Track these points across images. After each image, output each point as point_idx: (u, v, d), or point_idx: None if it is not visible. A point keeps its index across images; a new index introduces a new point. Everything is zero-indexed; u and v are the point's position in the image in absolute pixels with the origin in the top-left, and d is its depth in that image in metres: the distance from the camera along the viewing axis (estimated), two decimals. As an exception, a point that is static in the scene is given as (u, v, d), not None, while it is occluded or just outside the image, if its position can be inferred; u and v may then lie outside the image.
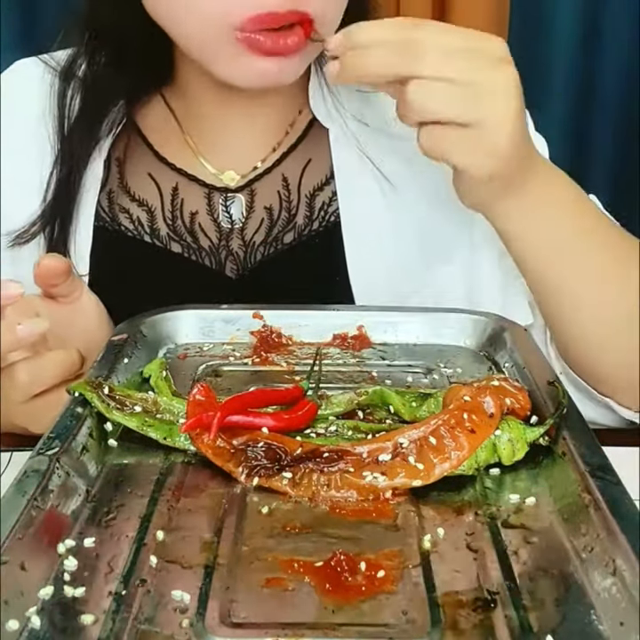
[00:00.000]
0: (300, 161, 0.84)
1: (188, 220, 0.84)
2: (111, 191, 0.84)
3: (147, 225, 0.84)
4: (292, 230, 0.84)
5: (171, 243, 0.84)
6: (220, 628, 0.39)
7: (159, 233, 0.84)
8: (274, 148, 0.85)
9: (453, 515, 0.48)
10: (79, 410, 0.55)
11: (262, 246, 0.84)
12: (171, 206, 0.84)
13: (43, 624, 0.39)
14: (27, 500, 0.45)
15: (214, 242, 0.84)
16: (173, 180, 0.84)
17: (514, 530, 0.46)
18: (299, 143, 0.85)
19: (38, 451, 0.49)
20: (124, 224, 0.84)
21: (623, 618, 0.39)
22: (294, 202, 0.84)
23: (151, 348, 0.68)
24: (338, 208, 0.83)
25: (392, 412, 0.58)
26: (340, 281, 0.82)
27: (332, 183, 0.84)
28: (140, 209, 0.84)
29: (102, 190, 0.84)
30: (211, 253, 0.84)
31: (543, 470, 0.52)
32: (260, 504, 0.49)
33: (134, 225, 0.84)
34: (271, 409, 0.57)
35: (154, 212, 0.84)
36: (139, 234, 0.84)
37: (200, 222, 0.84)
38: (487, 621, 0.40)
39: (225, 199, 0.84)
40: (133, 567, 0.43)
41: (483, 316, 0.71)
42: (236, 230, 0.84)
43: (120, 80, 0.82)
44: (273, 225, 0.84)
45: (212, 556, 0.44)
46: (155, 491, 0.50)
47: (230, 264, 0.84)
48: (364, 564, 0.43)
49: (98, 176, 0.84)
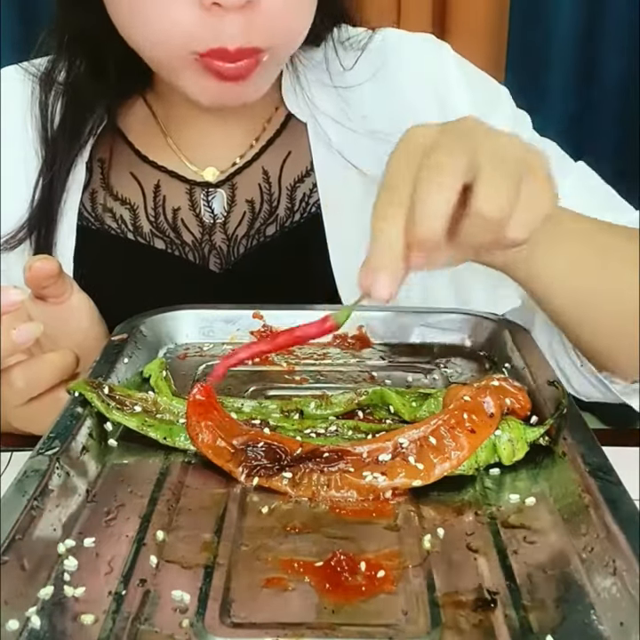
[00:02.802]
0: (280, 154, 0.86)
1: (170, 216, 0.85)
2: (94, 191, 0.86)
3: (130, 223, 0.85)
4: (274, 222, 0.85)
5: (154, 239, 0.85)
6: (220, 628, 0.39)
7: (142, 230, 0.85)
8: (251, 144, 0.86)
9: (453, 515, 0.48)
10: (79, 410, 0.55)
11: (245, 239, 0.85)
12: (153, 203, 0.85)
13: (43, 624, 0.39)
14: (27, 500, 0.45)
15: (197, 237, 0.85)
16: (155, 177, 0.85)
17: (514, 530, 0.46)
18: (277, 137, 0.86)
19: (38, 451, 0.49)
20: (108, 223, 0.85)
21: (623, 618, 0.39)
22: (275, 194, 0.85)
23: (151, 348, 0.68)
24: (319, 199, 0.84)
25: (392, 411, 0.58)
26: (323, 271, 0.83)
27: (313, 175, 0.85)
28: (123, 207, 0.85)
29: (85, 191, 0.85)
30: (194, 248, 0.85)
31: (543, 470, 0.52)
32: (260, 504, 0.49)
33: (117, 223, 0.85)
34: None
35: (136, 210, 0.85)
36: (122, 232, 0.85)
37: (183, 218, 0.85)
38: (487, 621, 0.40)
39: (206, 194, 0.85)
40: (133, 567, 0.43)
41: (483, 316, 0.71)
42: (218, 225, 0.85)
43: (100, 85, 0.83)
44: (255, 218, 0.85)
45: (212, 556, 0.44)
46: (155, 491, 0.50)
47: (214, 258, 0.85)
48: (364, 563, 0.43)
49: (80, 178, 0.85)
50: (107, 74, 0.82)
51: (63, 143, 0.83)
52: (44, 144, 0.84)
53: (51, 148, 0.83)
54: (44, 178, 0.83)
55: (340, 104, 0.84)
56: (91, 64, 0.82)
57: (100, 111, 0.84)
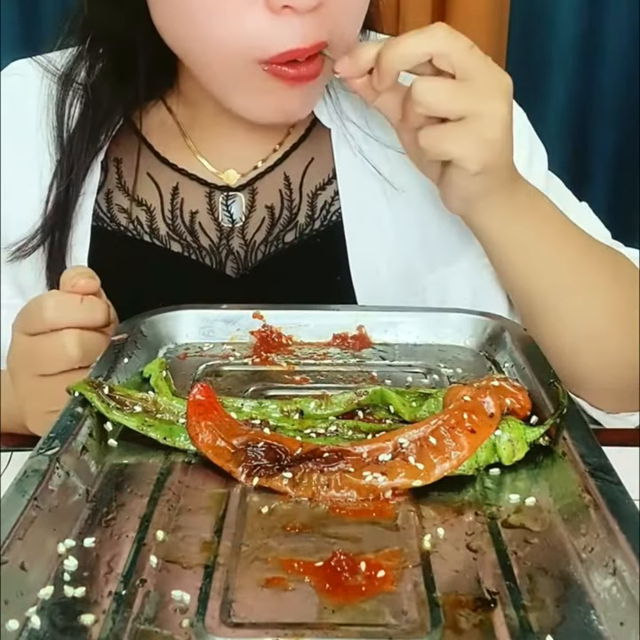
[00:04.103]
0: (302, 160, 0.84)
1: (188, 219, 0.84)
2: (109, 191, 0.84)
3: (146, 225, 0.84)
4: (294, 229, 0.83)
5: (170, 242, 0.84)
6: (220, 628, 0.39)
7: (159, 232, 0.84)
8: (275, 148, 0.85)
9: (453, 515, 0.48)
10: (79, 410, 0.55)
11: (263, 245, 0.83)
12: (170, 206, 0.84)
13: (43, 624, 0.39)
14: (27, 500, 0.45)
15: (214, 241, 0.84)
16: (174, 179, 0.84)
17: (514, 530, 0.46)
18: (300, 142, 0.85)
19: (38, 451, 0.49)
20: (123, 224, 0.84)
21: (623, 618, 0.39)
22: (296, 201, 0.84)
23: (151, 347, 0.68)
24: (340, 208, 0.83)
25: (392, 412, 0.58)
26: (342, 281, 0.82)
27: (335, 183, 0.84)
28: (140, 209, 0.84)
29: (100, 191, 0.84)
30: (211, 252, 0.84)
31: (543, 470, 0.52)
32: (260, 504, 0.49)
33: (133, 225, 0.84)
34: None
35: (153, 211, 0.84)
36: (138, 234, 0.84)
37: (200, 221, 0.84)
38: (487, 621, 0.40)
39: (226, 198, 0.84)
40: (133, 567, 0.43)
41: (483, 316, 0.71)
42: (236, 229, 0.84)
43: (121, 88, 0.81)
44: (274, 224, 0.83)
45: (212, 556, 0.44)
46: (155, 491, 0.50)
47: (231, 263, 0.84)
48: (364, 564, 0.43)
49: (95, 179, 0.83)
50: (131, 77, 0.80)
51: (80, 147, 0.81)
52: (59, 147, 0.82)
53: (67, 151, 0.82)
54: (58, 183, 0.81)
55: (364, 113, 0.83)
56: (115, 66, 0.80)
57: (118, 113, 0.82)
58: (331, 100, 0.83)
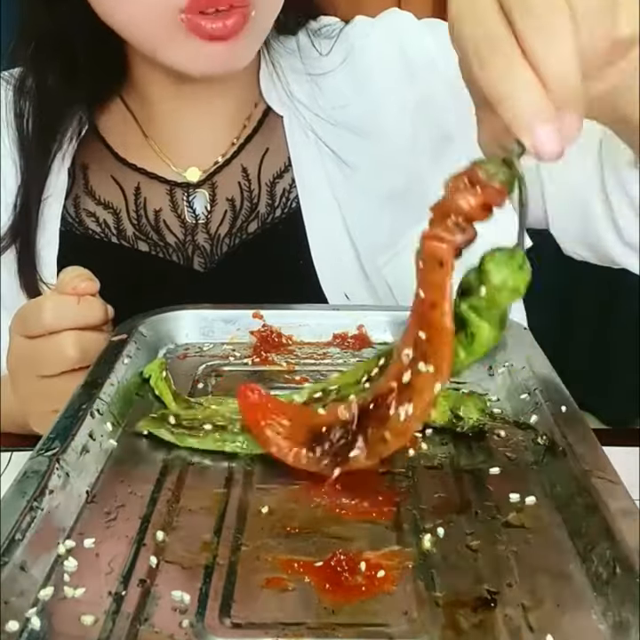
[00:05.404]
0: (258, 150, 0.86)
1: (152, 218, 0.85)
2: (77, 196, 0.86)
3: (113, 227, 0.85)
4: (256, 219, 0.85)
5: (138, 242, 0.85)
6: (220, 628, 0.39)
7: (126, 233, 0.85)
8: (232, 142, 0.86)
9: (453, 515, 0.48)
10: (79, 410, 0.54)
11: (227, 238, 0.85)
12: (135, 206, 0.85)
13: (43, 625, 0.39)
14: (26, 501, 0.45)
15: (180, 238, 0.85)
16: (135, 180, 0.85)
17: (514, 529, 0.46)
18: (255, 133, 0.86)
19: (38, 451, 0.49)
20: (92, 227, 0.85)
21: (623, 618, 0.39)
22: (255, 191, 0.85)
23: (151, 348, 0.68)
24: (298, 194, 0.84)
25: None
26: (304, 264, 0.83)
27: (291, 170, 0.85)
28: (106, 211, 0.85)
29: (68, 197, 0.85)
30: (177, 249, 0.85)
31: (543, 470, 0.52)
32: (260, 504, 0.49)
33: (101, 228, 0.85)
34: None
35: (119, 213, 0.85)
36: (106, 236, 0.85)
37: (165, 219, 0.85)
38: (487, 621, 0.40)
39: (187, 194, 0.85)
40: (133, 567, 0.43)
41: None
42: (200, 224, 0.85)
43: (72, 89, 0.83)
44: (236, 216, 0.85)
45: (212, 556, 0.44)
46: (155, 491, 0.50)
47: (198, 258, 0.85)
48: (364, 563, 0.43)
49: (63, 184, 0.85)
50: (78, 76, 0.82)
51: (37, 150, 0.83)
52: (19, 152, 0.84)
53: (25, 155, 0.84)
54: (21, 185, 0.84)
55: (314, 93, 0.84)
56: (60, 67, 0.82)
57: (75, 115, 0.84)
58: (280, 84, 0.85)
